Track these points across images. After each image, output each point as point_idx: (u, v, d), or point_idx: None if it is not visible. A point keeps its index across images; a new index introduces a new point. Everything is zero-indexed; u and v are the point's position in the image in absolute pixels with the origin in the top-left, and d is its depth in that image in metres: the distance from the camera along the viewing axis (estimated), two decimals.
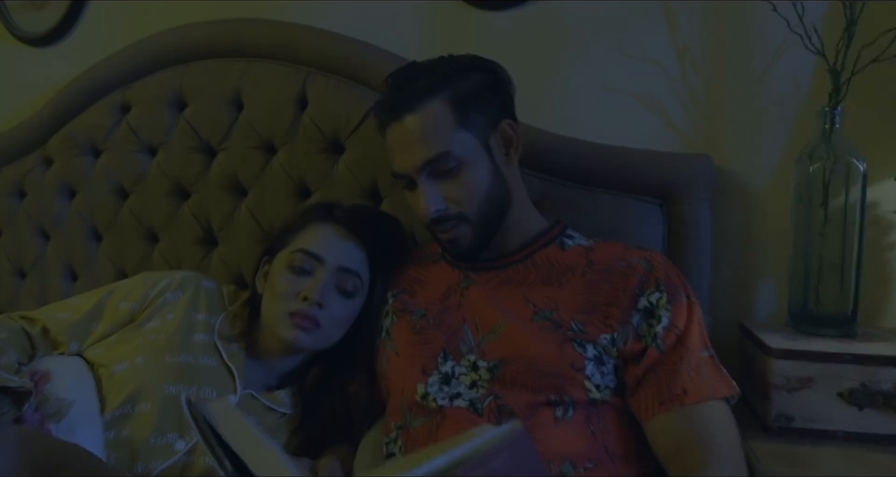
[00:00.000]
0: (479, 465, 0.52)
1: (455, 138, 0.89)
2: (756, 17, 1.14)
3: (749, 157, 1.20)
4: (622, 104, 1.24)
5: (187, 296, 1.06)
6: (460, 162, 0.89)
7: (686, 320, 0.85)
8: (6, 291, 1.52)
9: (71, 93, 1.46)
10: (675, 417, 0.79)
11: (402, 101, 0.91)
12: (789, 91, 1.17)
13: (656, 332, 0.84)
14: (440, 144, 0.89)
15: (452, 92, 0.90)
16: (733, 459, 0.76)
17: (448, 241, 0.93)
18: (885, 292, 1.16)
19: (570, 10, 1.26)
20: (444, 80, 0.91)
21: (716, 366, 0.84)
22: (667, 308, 0.85)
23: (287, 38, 1.30)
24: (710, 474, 0.74)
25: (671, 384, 0.80)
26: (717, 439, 0.77)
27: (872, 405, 0.91)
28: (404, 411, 0.90)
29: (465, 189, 0.90)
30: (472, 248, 0.93)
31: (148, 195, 1.39)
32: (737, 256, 1.21)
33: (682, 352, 0.83)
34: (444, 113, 0.89)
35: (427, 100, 0.90)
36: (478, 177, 0.90)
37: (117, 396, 0.93)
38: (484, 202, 0.91)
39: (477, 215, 0.91)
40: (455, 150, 0.88)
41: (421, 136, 0.89)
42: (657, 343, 0.83)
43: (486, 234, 0.93)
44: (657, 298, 0.85)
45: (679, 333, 0.84)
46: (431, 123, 0.89)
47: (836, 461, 0.85)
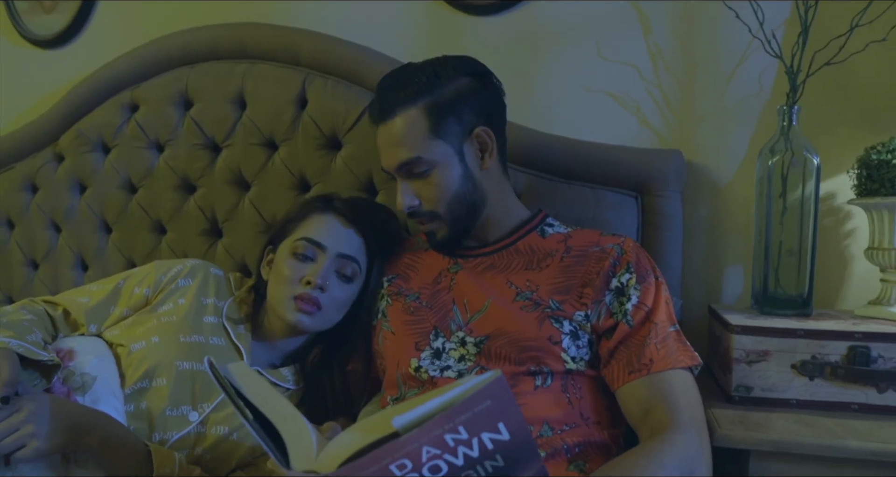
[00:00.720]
0: (465, 408, 0.60)
1: (427, 145, 0.97)
2: (723, 22, 1.24)
3: (717, 153, 1.29)
4: (600, 103, 1.33)
5: (197, 282, 1.14)
6: (431, 166, 0.98)
7: (654, 298, 0.94)
8: (19, 280, 1.60)
9: (81, 92, 1.54)
10: (642, 383, 0.88)
11: (386, 106, 0.99)
12: (754, 91, 1.27)
13: (626, 309, 0.93)
14: (412, 150, 0.97)
15: (432, 101, 0.98)
16: (695, 421, 0.85)
17: (426, 232, 1.03)
18: (840, 276, 1.26)
19: (551, 16, 1.35)
20: (426, 89, 0.99)
21: (680, 339, 0.93)
22: (636, 288, 0.94)
23: (288, 42, 1.38)
24: (675, 434, 0.83)
25: (640, 356, 0.89)
26: (680, 403, 0.86)
27: (822, 375, 1.01)
28: (399, 384, 0.99)
29: (435, 190, 0.98)
30: (447, 240, 1.02)
31: (156, 189, 1.47)
32: (706, 244, 1.31)
33: (650, 327, 0.92)
34: (420, 121, 0.98)
35: (406, 107, 0.98)
36: (447, 180, 0.99)
37: (135, 372, 1.02)
38: (453, 202, 1.00)
39: (447, 213, 1.00)
40: (426, 156, 0.97)
41: (399, 140, 0.98)
42: (627, 319, 0.92)
43: (459, 229, 1.02)
44: (627, 279, 0.94)
45: (647, 310, 0.93)
46: (407, 130, 0.97)
47: (787, 425, 0.94)
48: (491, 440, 0.63)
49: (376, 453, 0.60)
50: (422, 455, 0.61)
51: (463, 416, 0.60)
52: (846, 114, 1.22)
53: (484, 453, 0.63)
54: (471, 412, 0.60)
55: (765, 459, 0.92)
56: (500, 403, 0.61)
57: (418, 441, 0.60)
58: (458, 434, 0.61)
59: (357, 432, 0.65)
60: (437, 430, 0.60)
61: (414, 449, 0.61)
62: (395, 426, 0.61)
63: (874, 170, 1.11)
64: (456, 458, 0.63)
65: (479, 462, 0.64)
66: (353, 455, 0.62)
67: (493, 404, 0.60)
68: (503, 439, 0.63)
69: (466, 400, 0.59)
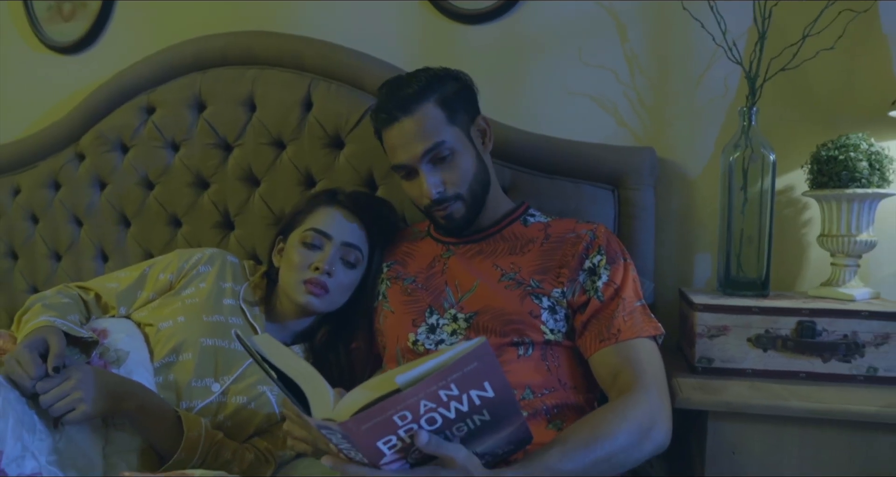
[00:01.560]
0: (455, 368, 0.72)
1: (446, 131, 1.09)
2: (691, 31, 1.35)
3: (687, 150, 1.42)
4: (581, 105, 1.45)
5: (216, 268, 1.26)
6: (452, 150, 1.09)
7: (622, 277, 1.06)
8: (44, 271, 1.71)
9: (100, 96, 1.65)
10: (611, 351, 1.00)
11: (398, 107, 1.10)
12: (720, 94, 1.39)
13: (597, 286, 1.05)
14: (436, 136, 1.08)
15: (439, 95, 1.10)
16: (657, 382, 0.97)
17: (444, 217, 1.12)
18: (799, 261, 1.38)
19: (536, 25, 1.47)
20: (430, 86, 1.11)
21: (645, 313, 1.05)
22: (606, 268, 1.06)
23: (294, 49, 1.49)
24: (638, 394, 0.95)
25: (609, 327, 1.02)
26: (644, 367, 0.98)
27: (774, 347, 1.13)
28: (399, 358, 1.11)
29: (458, 172, 1.10)
30: (465, 220, 1.13)
31: (172, 186, 1.58)
32: (677, 234, 1.43)
33: (619, 301, 1.04)
34: (436, 112, 1.09)
35: (420, 103, 1.09)
36: (467, 162, 1.10)
37: (164, 348, 1.14)
38: (473, 182, 1.11)
39: (468, 193, 1.11)
40: (448, 141, 1.09)
41: (419, 132, 1.08)
42: (598, 295, 1.04)
43: (476, 207, 1.13)
44: (599, 260, 1.06)
45: (616, 287, 1.05)
46: (427, 121, 1.08)
47: (741, 390, 1.07)
48: (478, 397, 0.75)
49: (382, 405, 0.72)
50: (420, 408, 0.73)
51: (454, 374, 0.71)
52: (800, 114, 1.34)
53: (472, 408, 0.76)
54: (461, 372, 0.71)
55: (720, 419, 1.05)
56: (485, 365, 0.72)
57: (416, 396, 0.72)
58: (451, 390, 0.73)
59: (366, 389, 0.77)
60: (432, 386, 0.72)
61: (413, 402, 0.72)
62: (397, 383, 0.72)
63: (824, 165, 1.23)
64: (449, 411, 0.75)
65: (468, 416, 0.77)
66: (363, 407, 0.74)
67: (479, 365, 0.72)
68: (489, 396, 0.75)
69: (457, 361, 0.70)
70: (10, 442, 0.85)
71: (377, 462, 0.77)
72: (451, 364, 0.71)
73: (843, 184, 1.21)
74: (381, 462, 0.77)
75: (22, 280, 1.73)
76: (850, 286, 1.24)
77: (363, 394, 0.76)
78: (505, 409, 0.78)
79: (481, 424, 0.78)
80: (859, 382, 1.11)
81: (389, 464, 0.78)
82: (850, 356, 1.11)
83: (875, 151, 1.21)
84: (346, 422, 0.73)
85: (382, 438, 0.74)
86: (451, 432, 0.77)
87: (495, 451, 0.84)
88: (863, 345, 1.11)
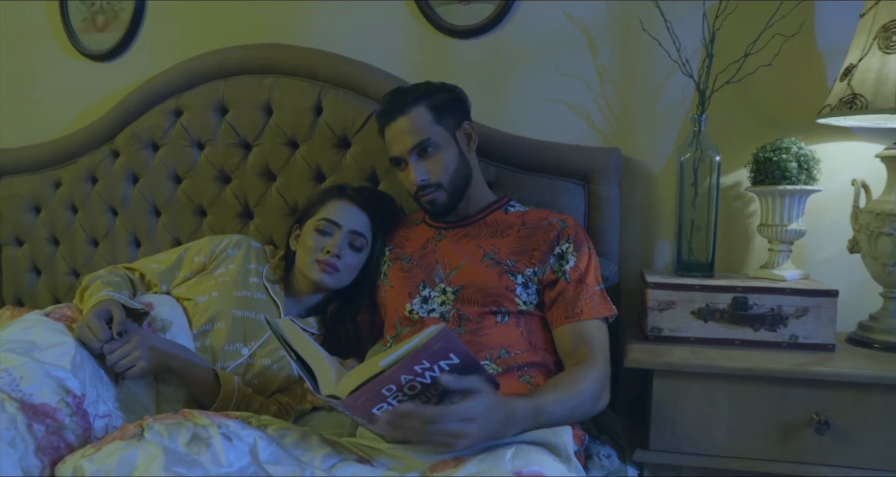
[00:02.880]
0: (424, 349, 0.91)
1: (433, 130, 1.30)
2: (653, 48, 1.55)
3: (648, 150, 1.62)
4: (557, 110, 1.66)
5: (242, 252, 1.47)
6: (437, 146, 1.30)
7: (586, 264, 1.27)
8: (82, 256, 1.92)
9: (133, 100, 1.85)
10: (573, 327, 1.22)
11: (396, 108, 1.32)
12: (678, 101, 1.60)
13: (565, 269, 1.26)
14: (424, 133, 1.29)
15: (429, 101, 1.32)
16: (605, 357, 1.19)
17: (429, 202, 1.34)
18: (745, 247, 1.60)
19: (519, 40, 1.67)
20: (423, 94, 1.33)
21: (603, 296, 1.26)
22: (573, 254, 1.27)
23: (307, 60, 1.70)
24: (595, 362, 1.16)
25: (573, 307, 1.23)
26: (597, 343, 1.20)
27: (713, 319, 1.35)
28: (397, 325, 1.33)
29: (440, 165, 1.31)
30: (446, 207, 1.34)
31: (198, 180, 1.79)
32: (640, 223, 1.64)
33: (583, 286, 1.25)
34: (425, 114, 1.31)
35: (413, 106, 1.31)
36: (449, 157, 1.31)
37: (201, 318, 1.35)
38: (454, 174, 1.32)
39: (449, 184, 1.32)
40: (433, 138, 1.30)
41: (410, 129, 1.30)
42: (565, 277, 1.26)
43: (456, 196, 1.34)
44: (567, 248, 1.27)
45: (581, 272, 1.26)
46: (418, 121, 1.30)
47: (681, 354, 1.28)
48: (447, 364, 0.95)
49: (372, 383, 0.93)
50: (401, 380, 0.94)
51: (424, 354, 0.91)
52: (743, 121, 1.55)
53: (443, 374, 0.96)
54: (428, 351, 0.91)
55: (663, 377, 1.26)
56: (447, 342, 0.92)
57: (397, 373, 0.93)
58: (423, 364, 0.93)
59: (358, 373, 0.97)
60: (407, 365, 0.92)
61: (395, 377, 0.93)
62: (381, 366, 0.93)
63: (761, 165, 1.44)
64: (425, 379, 0.95)
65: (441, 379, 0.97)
66: (357, 387, 0.95)
67: (442, 343, 0.91)
68: (455, 362, 0.95)
69: (424, 344, 0.90)
70: (88, 389, 1.07)
71: (374, 423, 0.99)
72: (420, 347, 0.91)
73: (776, 181, 1.42)
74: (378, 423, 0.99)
75: (63, 263, 1.95)
76: (782, 268, 1.45)
77: (356, 376, 0.96)
78: (470, 368, 0.99)
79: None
80: (783, 348, 1.32)
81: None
82: (775, 326, 1.33)
83: (804, 153, 1.42)
84: (345, 399, 0.94)
85: (376, 406, 0.96)
86: (429, 393, 0.98)
87: None
88: (786, 317, 1.32)
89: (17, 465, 0.83)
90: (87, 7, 2.00)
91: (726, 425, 1.25)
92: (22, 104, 2.08)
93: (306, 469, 0.94)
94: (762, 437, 1.24)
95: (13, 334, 1.12)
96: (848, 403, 1.21)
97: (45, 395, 0.99)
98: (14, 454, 0.84)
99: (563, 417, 1.08)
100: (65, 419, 0.98)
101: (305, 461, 0.96)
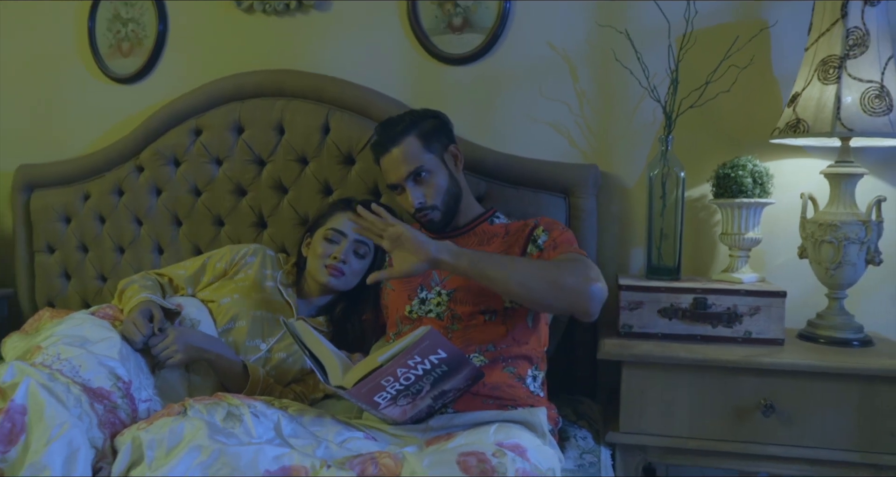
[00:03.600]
0: (414, 347, 1.09)
1: (424, 158, 1.47)
2: (627, 75, 1.74)
3: (623, 166, 1.81)
4: (541, 130, 1.84)
5: (259, 259, 1.65)
6: (429, 172, 1.48)
7: (558, 234, 1.41)
8: (110, 262, 2.10)
9: (157, 120, 2.03)
10: None
11: (388, 139, 1.49)
12: (650, 122, 1.78)
13: (539, 244, 1.41)
14: (416, 162, 1.47)
15: (418, 130, 1.49)
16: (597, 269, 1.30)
17: (426, 221, 1.52)
18: (710, 254, 1.78)
19: (507, 66, 1.85)
20: (411, 123, 1.49)
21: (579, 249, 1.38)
22: (546, 233, 1.42)
23: (315, 85, 1.88)
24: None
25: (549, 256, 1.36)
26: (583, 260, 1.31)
27: (676, 317, 1.53)
28: (398, 323, 1.51)
29: (434, 189, 1.48)
30: (441, 223, 1.51)
31: (216, 193, 1.97)
32: (616, 232, 1.82)
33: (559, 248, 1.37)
34: (416, 144, 1.48)
35: (403, 136, 1.48)
36: (441, 180, 1.49)
37: (224, 317, 1.53)
38: (446, 195, 1.50)
39: (442, 204, 1.50)
40: (426, 165, 1.47)
41: (404, 159, 1.47)
42: (540, 248, 1.40)
43: (449, 214, 1.51)
44: (539, 232, 1.43)
45: (555, 240, 1.40)
46: (409, 151, 1.47)
47: (648, 347, 1.46)
48: (436, 359, 1.13)
49: (373, 376, 1.12)
50: (397, 373, 1.13)
51: (415, 350, 1.10)
52: (706, 141, 1.74)
53: (434, 366, 1.15)
54: (418, 348, 1.10)
55: (631, 367, 1.44)
56: (434, 340, 1.11)
57: (393, 367, 1.12)
58: (416, 359, 1.12)
59: (361, 367, 1.16)
60: (402, 360, 1.11)
61: (392, 370, 1.12)
62: (379, 361, 1.12)
63: (721, 180, 1.62)
64: (417, 371, 1.14)
65: (432, 371, 1.16)
66: (360, 379, 1.13)
67: (430, 342, 1.10)
68: (443, 357, 1.14)
69: (414, 343, 1.09)
70: (133, 377, 1.25)
71: (376, 408, 1.17)
72: (411, 345, 1.10)
73: (734, 195, 1.60)
74: (380, 408, 1.18)
75: (92, 269, 2.12)
76: (741, 272, 1.63)
77: (358, 370, 1.15)
78: (457, 361, 1.17)
79: (443, 373, 1.18)
80: (738, 343, 1.50)
81: (384, 408, 1.18)
82: (731, 323, 1.51)
83: (758, 170, 1.60)
84: (351, 389, 1.13)
85: (377, 394, 1.15)
86: (422, 382, 1.16)
87: (457, 386, 1.23)
88: (741, 315, 1.50)
89: (85, 435, 1.01)
90: (113, 34, 2.18)
91: (686, 410, 1.42)
92: (53, 123, 2.26)
93: (322, 442, 1.11)
94: (717, 419, 1.41)
95: (67, 330, 1.30)
96: (791, 389, 1.39)
97: (100, 380, 1.17)
98: (82, 426, 1.02)
99: (526, 269, 1.25)
100: (118, 400, 1.16)
101: (321, 436, 1.14)
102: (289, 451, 1.00)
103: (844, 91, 1.44)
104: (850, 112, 1.42)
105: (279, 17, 2.01)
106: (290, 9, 1.99)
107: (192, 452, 0.96)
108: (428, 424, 1.23)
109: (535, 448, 1.12)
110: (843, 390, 1.37)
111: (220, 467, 0.94)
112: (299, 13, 2.00)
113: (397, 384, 1.15)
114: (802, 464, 1.39)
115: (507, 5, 1.83)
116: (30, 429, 0.99)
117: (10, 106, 2.29)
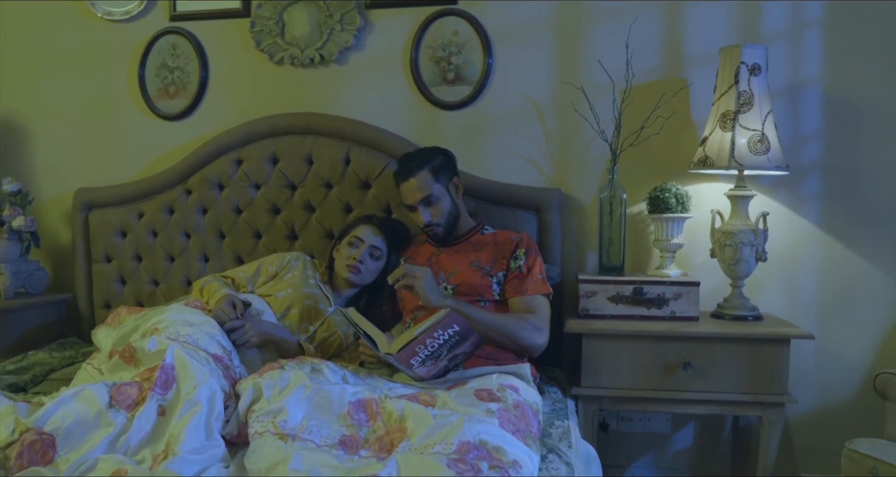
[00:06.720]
0: (437, 325, 1.59)
1: (434, 187, 1.98)
2: (582, 120, 2.27)
3: (580, 190, 2.33)
4: (517, 162, 2.36)
5: (301, 263, 2.12)
6: (437, 198, 1.98)
7: (532, 262, 1.92)
8: (161, 269, 2.52)
9: (204, 151, 2.47)
10: (520, 299, 1.88)
11: (408, 171, 1.98)
12: (599, 157, 2.31)
13: (518, 264, 1.92)
14: (428, 190, 1.96)
15: (430, 165, 1.99)
16: (543, 317, 1.84)
17: (432, 234, 2.02)
18: (647, 255, 2.32)
19: (490, 112, 2.37)
20: (426, 159, 2.00)
21: (544, 281, 1.92)
22: (524, 256, 1.94)
23: (338, 125, 2.36)
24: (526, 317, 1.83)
25: (521, 286, 1.88)
26: (539, 310, 1.85)
27: (622, 302, 2.05)
28: (414, 311, 1.99)
29: (440, 211, 1.98)
30: (444, 238, 2.02)
31: (255, 212, 2.43)
32: (576, 240, 2.35)
33: (529, 274, 1.89)
34: (428, 176, 1.97)
35: (420, 170, 1.98)
36: (446, 204, 1.99)
37: (280, 308, 1.99)
38: (448, 216, 2.00)
39: (445, 222, 2.00)
40: (435, 193, 1.97)
41: (418, 187, 1.96)
42: (519, 269, 1.91)
43: (450, 230, 2.01)
44: (521, 253, 1.95)
45: (528, 266, 1.91)
46: (423, 181, 1.97)
47: (601, 325, 1.97)
48: (453, 332, 1.62)
49: (410, 345, 1.60)
50: (426, 342, 1.62)
51: (439, 326, 1.59)
52: (642, 171, 2.28)
53: (451, 337, 1.63)
54: (441, 324, 1.59)
55: (590, 339, 1.96)
56: (451, 319, 1.60)
57: (424, 338, 1.60)
58: (438, 332, 1.61)
59: (400, 340, 1.64)
60: (431, 332, 1.60)
61: (423, 340, 1.61)
62: (415, 334, 1.61)
63: (653, 200, 2.16)
64: (440, 341, 1.63)
65: (450, 340, 1.64)
66: (401, 347, 1.62)
67: (448, 320, 1.60)
68: (457, 330, 1.63)
69: (439, 321, 1.58)
70: (231, 348, 1.70)
71: (411, 369, 1.65)
72: (437, 323, 1.60)
73: (662, 211, 2.14)
74: (413, 368, 1.65)
75: (146, 275, 2.54)
76: (669, 269, 2.17)
77: (400, 341, 1.63)
78: (466, 333, 1.66)
79: (456, 342, 1.67)
80: (666, 320, 2.03)
81: (416, 368, 1.66)
82: (661, 306, 2.04)
83: (680, 193, 2.14)
84: (396, 355, 1.61)
85: (412, 358, 1.63)
86: (442, 348, 1.65)
87: (466, 351, 1.72)
88: (668, 299, 2.04)
89: (217, 383, 1.46)
90: (160, 80, 2.62)
91: (628, 368, 1.95)
92: (108, 154, 2.68)
93: (376, 389, 1.59)
94: (651, 375, 1.94)
95: (173, 316, 1.74)
96: (703, 351, 1.92)
97: (214, 348, 1.62)
98: (214, 378, 1.47)
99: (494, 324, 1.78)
100: (228, 363, 1.61)
101: (373, 385, 1.62)
102: (362, 388, 1.49)
103: (737, 136, 1.99)
104: (741, 152, 1.98)
105: (305, 69, 2.49)
106: (315, 62, 2.47)
107: (299, 390, 1.43)
108: (446, 378, 1.72)
109: (525, 389, 1.62)
110: (739, 351, 1.91)
111: (319, 399, 1.42)
112: (321, 66, 2.48)
113: (426, 351, 1.64)
114: (711, 405, 1.93)
115: (490, 63, 2.34)
116: (180, 379, 1.45)
117: (71, 140, 2.70)
